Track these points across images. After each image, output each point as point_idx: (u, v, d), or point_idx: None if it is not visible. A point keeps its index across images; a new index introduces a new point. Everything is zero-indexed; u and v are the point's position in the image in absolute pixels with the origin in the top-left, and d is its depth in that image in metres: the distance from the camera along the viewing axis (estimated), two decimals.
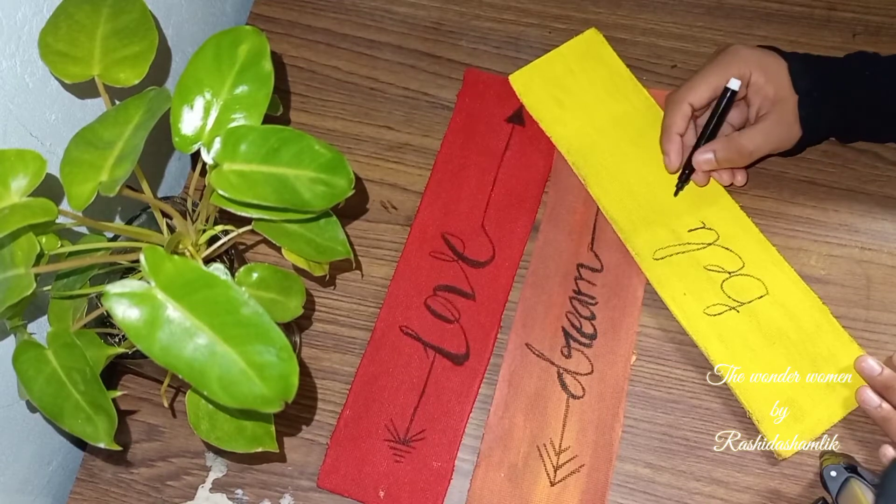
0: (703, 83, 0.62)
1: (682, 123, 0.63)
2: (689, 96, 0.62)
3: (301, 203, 0.43)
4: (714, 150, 0.62)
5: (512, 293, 0.65)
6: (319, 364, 0.64)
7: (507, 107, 0.72)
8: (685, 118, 0.63)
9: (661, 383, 0.61)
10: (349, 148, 0.71)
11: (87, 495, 0.61)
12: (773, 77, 0.61)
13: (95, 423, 0.41)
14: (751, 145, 0.61)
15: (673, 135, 0.63)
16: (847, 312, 0.62)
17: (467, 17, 0.76)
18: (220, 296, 0.37)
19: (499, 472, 0.58)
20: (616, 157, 0.68)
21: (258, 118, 0.45)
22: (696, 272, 0.63)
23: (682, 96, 0.62)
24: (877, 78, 0.61)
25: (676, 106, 0.63)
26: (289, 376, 0.37)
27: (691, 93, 0.62)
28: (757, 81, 0.61)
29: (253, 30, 0.46)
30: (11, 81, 0.50)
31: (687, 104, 0.62)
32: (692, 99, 0.62)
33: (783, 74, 0.61)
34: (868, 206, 0.66)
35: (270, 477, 0.60)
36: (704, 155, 0.62)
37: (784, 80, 0.61)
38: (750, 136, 0.61)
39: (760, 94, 0.61)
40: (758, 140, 0.61)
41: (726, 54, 0.62)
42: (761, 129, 0.61)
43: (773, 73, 0.61)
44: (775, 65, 0.61)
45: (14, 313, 0.46)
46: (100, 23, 0.49)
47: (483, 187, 0.68)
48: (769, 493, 0.57)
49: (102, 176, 0.42)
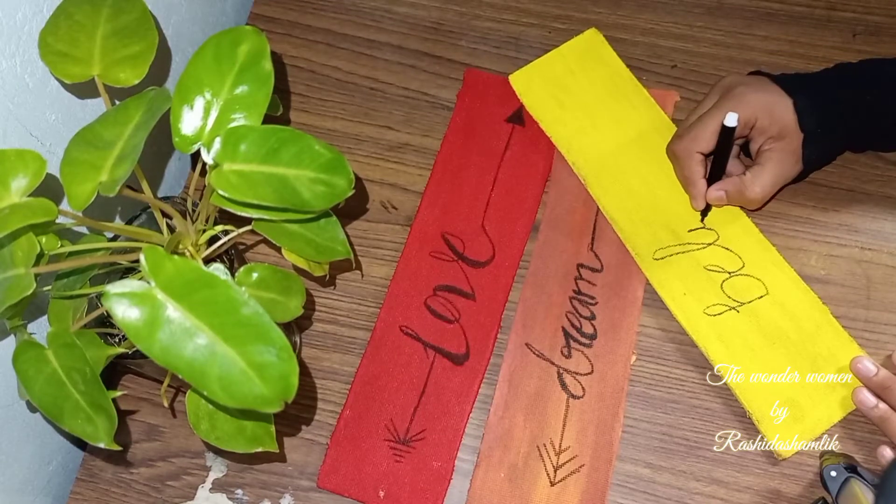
0: (708, 131, 0.61)
1: (700, 170, 0.63)
2: (698, 146, 0.61)
3: (301, 203, 0.43)
4: (725, 190, 0.62)
5: (512, 293, 0.65)
6: (319, 364, 0.64)
7: (507, 107, 0.72)
8: (701, 165, 0.63)
9: (661, 383, 0.61)
10: (349, 148, 0.71)
11: (87, 495, 0.61)
12: (778, 117, 0.60)
13: (95, 423, 0.41)
14: (762, 191, 0.61)
15: (697, 181, 0.63)
16: (847, 312, 0.62)
17: (467, 17, 0.76)
18: (220, 296, 0.37)
19: (499, 472, 0.58)
20: (616, 157, 0.68)
21: (258, 118, 0.45)
22: (696, 272, 0.63)
23: (691, 147, 0.62)
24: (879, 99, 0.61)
25: (689, 158, 0.62)
26: (289, 376, 0.37)
27: (697, 143, 0.61)
28: (762, 125, 0.60)
29: (253, 30, 0.46)
30: (11, 81, 0.50)
31: (697, 153, 0.62)
32: (700, 148, 0.62)
33: (789, 113, 0.60)
34: (868, 206, 0.66)
35: (270, 477, 0.60)
36: (716, 193, 0.62)
37: (789, 119, 0.60)
38: (760, 182, 0.61)
39: (764, 135, 0.61)
40: (767, 185, 0.61)
41: (730, 98, 0.61)
42: (769, 173, 0.61)
43: (779, 113, 0.60)
44: (781, 104, 0.60)
45: (14, 313, 0.46)
46: (100, 23, 0.49)
47: (483, 187, 0.68)
48: (769, 493, 0.57)
49: (102, 176, 0.42)
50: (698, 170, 0.63)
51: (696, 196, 0.64)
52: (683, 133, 0.63)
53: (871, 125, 0.62)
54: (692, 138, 0.62)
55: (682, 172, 0.64)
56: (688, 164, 0.63)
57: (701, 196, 0.63)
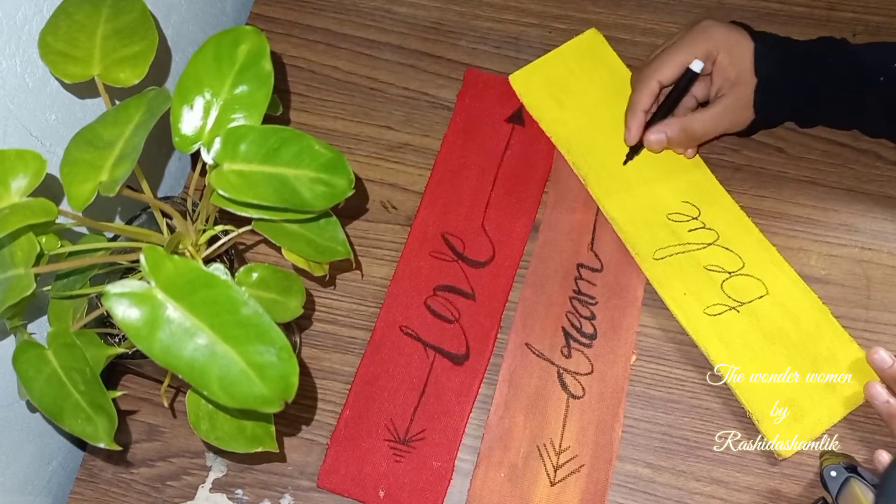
0: (672, 61, 0.62)
1: (648, 101, 0.63)
2: (658, 74, 0.62)
3: (301, 203, 0.43)
4: (665, 131, 0.63)
5: (512, 293, 0.65)
6: (319, 364, 0.64)
7: (507, 107, 0.72)
8: (652, 95, 0.63)
9: (661, 383, 0.61)
10: (349, 148, 0.71)
11: (87, 495, 0.61)
12: (737, 59, 0.61)
13: (95, 423, 0.41)
14: (700, 130, 0.62)
15: (638, 111, 0.64)
16: (847, 312, 0.62)
17: (467, 17, 0.76)
18: (220, 296, 0.37)
19: (499, 472, 0.58)
20: (616, 157, 0.68)
21: (258, 118, 0.45)
22: (696, 272, 0.63)
23: (651, 74, 0.63)
24: (840, 66, 0.61)
25: (644, 84, 0.63)
26: (289, 376, 0.37)
27: (659, 71, 0.62)
28: (722, 62, 0.61)
29: (253, 30, 0.46)
30: (11, 81, 0.50)
31: (655, 82, 0.63)
32: (660, 77, 0.62)
33: (748, 56, 0.61)
34: (868, 206, 0.66)
35: (270, 477, 0.60)
36: (656, 135, 0.63)
37: (747, 63, 0.61)
38: (701, 120, 0.62)
39: (722, 75, 0.62)
40: (708, 125, 0.62)
41: (697, 31, 0.62)
42: (713, 114, 0.62)
43: (738, 54, 0.61)
44: (742, 46, 0.61)
45: (14, 313, 0.46)
46: (100, 23, 0.49)
47: (483, 187, 0.68)
48: (769, 493, 0.57)
49: (102, 176, 0.42)
50: (645, 100, 0.63)
51: (632, 126, 0.64)
52: (649, 61, 0.64)
53: (826, 96, 0.62)
54: (655, 66, 0.63)
55: (631, 97, 0.65)
56: (639, 90, 0.63)
57: (636, 128, 0.64)
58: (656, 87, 0.63)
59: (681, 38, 0.63)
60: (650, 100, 0.63)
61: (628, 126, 0.65)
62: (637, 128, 0.64)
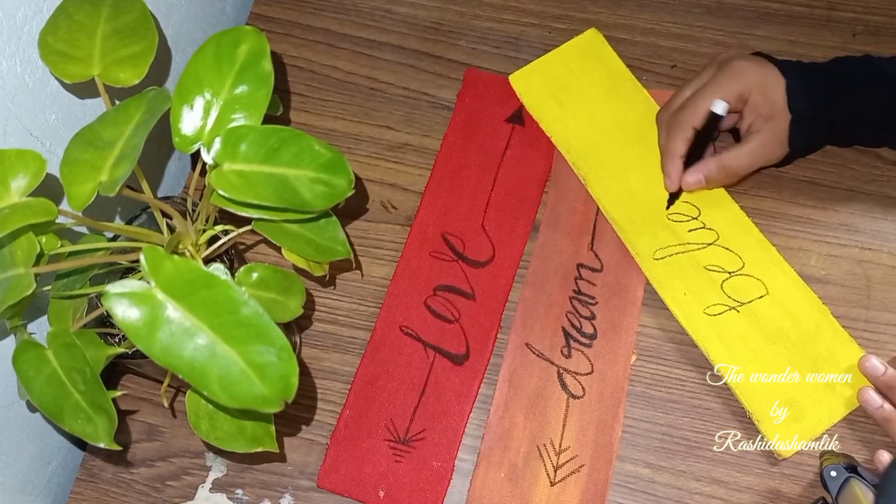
0: (705, 107, 0.61)
1: (684, 147, 0.63)
2: (693, 120, 0.61)
3: (301, 203, 0.43)
4: (704, 173, 0.62)
5: (512, 293, 0.65)
6: (319, 364, 0.64)
7: (507, 107, 0.72)
8: (687, 142, 0.62)
9: (661, 383, 0.61)
10: (349, 148, 0.71)
11: (87, 495, 0.61)
12: (771, 96, 0.60)
13: (95, 423, 0.41)
14: (739, 169, 0.62)
15: (676, 158, 0.63)
16: (847, 312, 0.62)
17: (467, 17, 0.76)
18: (220, 296, 0.37)
19: (499, 472, 0.58)
20: (616, 157, 0.68)
21: (258, 118, 0.45)
22: (696, 272, 0.63)
23: (686, 120, 0.62)
24: (869, 88, 0.61)
25: (680, 130, 0.62)
26: (289, 376, 0.37)
27: (694, 117, 0.61)
28: (755, 101, 0.61)
29: (253, 30, 0.46)
30: (11, 81, 0.50)
31: (691, 128, 0.62)
32: (695, 123, 0.62)
33: (780, 92, 0.60)
34: (868, 206, 0.66)
35: (270, 477, 0.60)
36: (695, 177, 0.62)
37: (780, 99, 0.60)
38: (737, 158, 0.61)
39: (755, 112, 0.61)
40: (745, 163, 0.62)
41: (728, 72, 0.61)
42: (749, 151, 0.61)
43: (771, 91, 0.60)
44: (774, 83, 0.60)
45: (14, 313, 0.46)
46: (100, 23, 0.49)
47: (483, 187, 0.68)
48: (769, 493, 0.57)
49: (102, 176, 0.42)
50: (682, 147, 0.63)
51: (672, 174, 0.63)
52: (678, 105, 0.64)
53: (859, 119, 0.62)
54: (690, 112, 0.62)
55: (666, 144, 0.64)
56: (675, 138, 0.63)
57: (676, 175, 0.63)
58: (692, 134, 0.62)
59: (712, 81, 0.62)
60: (686, 146, 0.62)
61: (668, 174, 0.63)
62: (677, 174, 0.63)
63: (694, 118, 0.62)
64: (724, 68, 0.62)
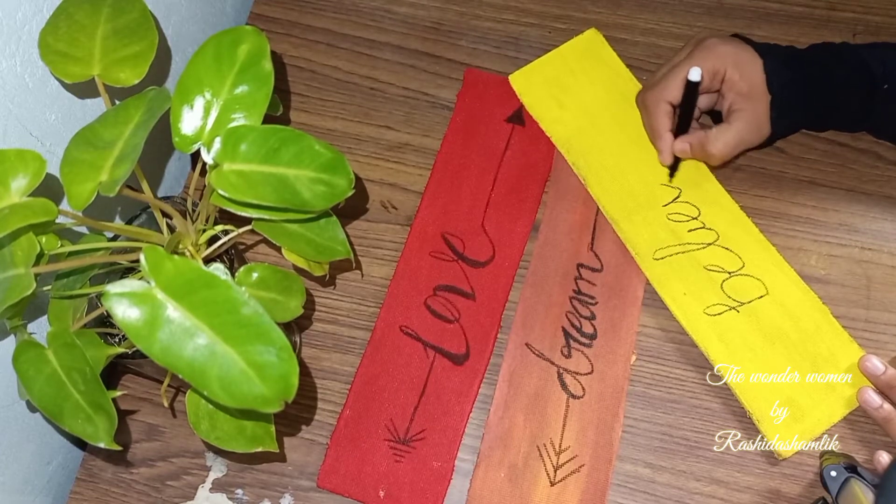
0: (678, 80, 0.62)
1: (667, 121, 0.64)
2: (666, 94, 0.63)
3: (301, 203, 0.43)
4: (689, 143, 0.63)
5: (512, 293, 0.65)
6: (319, 364, 0.64)
7: (507, 107, 0.72)
8: (668, 116, 0.64)
9: (661, 383, 0.61)
10: (349, 148, 0.71)
11: (87, 495, 0.61)
12: (748, 74, 0.61)
13: (95, 423, 0.41)
14: (724, 148, 0.62)
15: (663, 133, 0.64)
16: (847, 312, 0.62)
17: (467, 17, 0.76)
18: (220, 296, 0.37)
19: (499, 472, 0.58)
20: (616, 157, 0.68)
21: (258, 118, 0.45)
22: (696, 272, 0.63)
23: (659, 96, 0.63)
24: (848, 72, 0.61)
25: (657, 107, 0.64)
26: (289, 376, 0.37)
27: (667, 91, 0.63)
28: (731, 77, 0.61)
29: (253, 30, 0.46)
30: (11, 81, 0.50)
31: (665, 103, 0.63)
32: (669, 97, 0.63)
33: (758, 72, 0.61)
34: (868, 206, 0.66)
35: (270, 477, 0.60)
36: (681, 145, 0.63)
37: (758, 79, 0.61)
38: (723, 139, 0.62)
39: (734, 90, 0.62)
40: (731, 144, 0.62)
41: (701, 49, 0.62)
42: (734, 131, 0.62)
43: (748, 70, 0.61)
44: (751, 62, 0.61)
45: (14, 313, 0.46)
46: (100, 23, 0.49)
47: (483, 187, 0.68)
48: (769, 493, 0.57)
49: (102, 176, 0.42)
50: (665, 121, 0.64)
51: (663, 149, 0.64)
52: (653, 83, 0.64)
53: (836, 103, 0.62)
54: (662, 88, 0.63)
55: (649, 123, 0.65)
56: (655, 115, 0.64)
57: (668, 149, 0.64)
58: (669, 108, 0.63)
59: (687, 58, 0.63)
60: (669, 120, 0.64)
61: (660, 150, 0.65)
62: (668, 149, 0.64)
63: (667, 93, 0.62)
64: (699, 47, 0.63)
